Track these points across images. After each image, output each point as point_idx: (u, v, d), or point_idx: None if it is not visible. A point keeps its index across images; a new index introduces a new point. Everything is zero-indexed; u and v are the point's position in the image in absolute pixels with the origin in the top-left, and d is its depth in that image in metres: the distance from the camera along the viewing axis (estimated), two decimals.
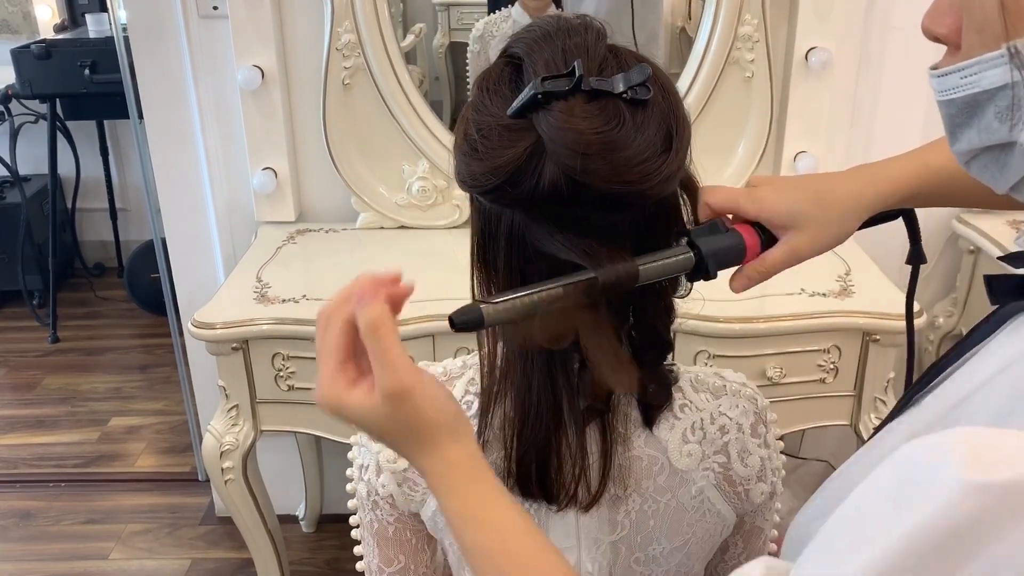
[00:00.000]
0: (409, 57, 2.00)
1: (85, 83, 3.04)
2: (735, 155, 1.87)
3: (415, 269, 1.76)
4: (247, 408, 1.61)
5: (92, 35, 3.23)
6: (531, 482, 0.79)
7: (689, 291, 0.79)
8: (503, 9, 2.01)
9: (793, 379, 1.57)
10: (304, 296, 1.61)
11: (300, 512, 2.30)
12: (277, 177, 1.87)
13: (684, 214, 0.77)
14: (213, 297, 1.64)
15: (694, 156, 0.73)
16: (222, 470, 1.64)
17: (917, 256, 0.84)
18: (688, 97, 1.79)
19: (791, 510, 2.33)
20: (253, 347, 1.56)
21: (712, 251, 0.74)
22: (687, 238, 0.74)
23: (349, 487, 0.90)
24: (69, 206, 3.67)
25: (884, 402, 1.59)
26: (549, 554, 0.63)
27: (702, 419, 0.82)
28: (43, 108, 3.27)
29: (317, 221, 1.95)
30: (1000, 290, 0.60)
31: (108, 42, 2.91)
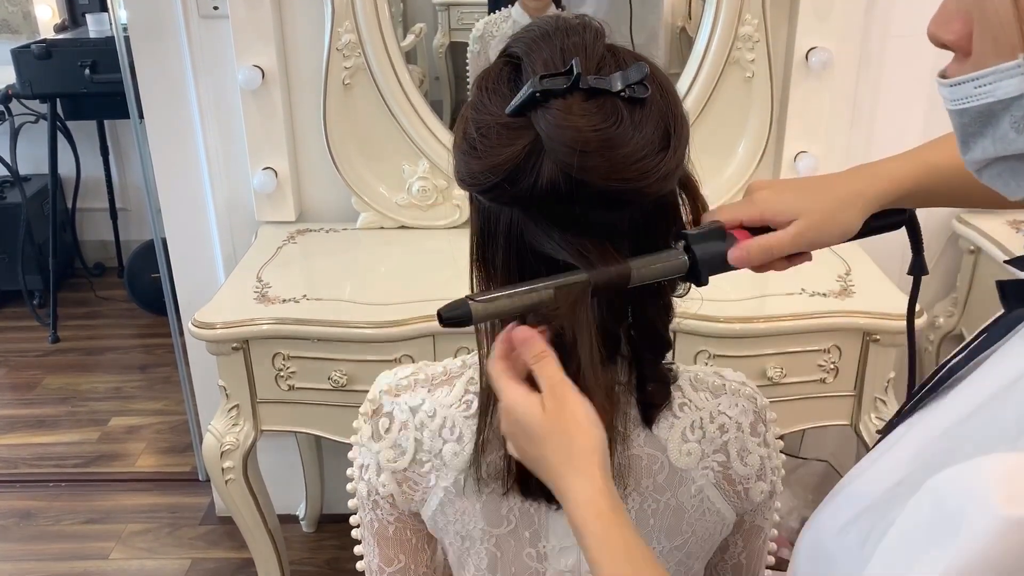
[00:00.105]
0: (409, 57, 2.00)
1: (85, 83, 3.05)
2: (735, 155, 1.87)
3: (415, 269, 1.76)
4: (247, 408, 1.61)
5: (92, 35, 3.23)
6: (531, 481, 0.79)
7: (688, 290, 0.79)
8: (503, 9, 2.01)
9: (793, 379, 1.57)
10: (304, 296, 1.61)
11: (300, 512, 2.30)
12: (277, 177, 1.87)
13: (683, 213, 0.77)
14: (213, 297, 1.64)
15: (694, 156, 0.73)
16: (222, 470, 1.64)
17: (919, 267, 0.83)
18: (688, 97, 1.79)
19: (791, 509, 2.33)
20: (253, 347, 1.56)
21: (707, 256, 0.74)
22: (684, 241, 0.74)
23: (349, 487, 0.90)
24: (69, 206, 3.68)
25: (884, 402, 1.59)
26: None
27: (701, 418, 0.82)
28: (43, 108, 3.27)
29: (317, 221, 1.95)
30: (1014, 295, 0.59)
31: (108, 42, 2.91)
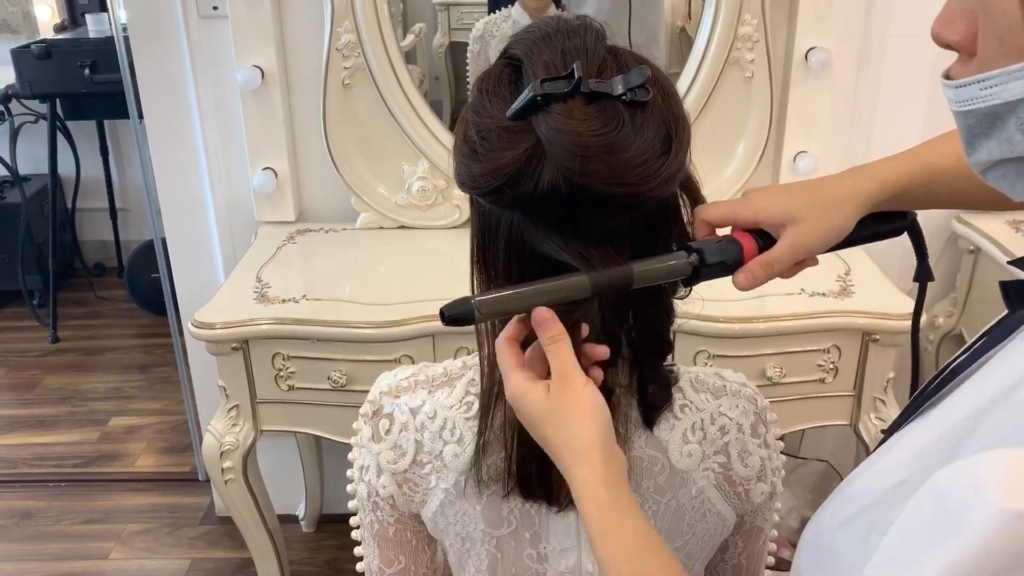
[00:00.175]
0: (409, 57, 1.99)
1: (85, 83, 3.05)
2: (735, 155, 1.87)
3: (415, 269, 1.76)
4: (247, 408, 1.61)
5: (92, 35, 3.23)
6: (531, 482, 0.79)
7: (689, 292, 0.79)
8: (503, 9, 2.01)
9: (793, 379, 1.57)
10: (304, 296, 1.61)
11: (300, 512, 2.30)
12: (277, 177, 1.87)
13: (684, 215, 0.77)
14: (213, 297, 1.64)
15: (693, 157, 0.73)
16: (222, 470, 1.64)
17: (925, 273, 0.83)
18: (688, 97, 1.79)
19: (791, 509, 2.33)
20: (253, 347, 1.56)
21: (709, 256, 0.74)
22: (686, 244, 0.74)
23: (349, 488, 0.90)
24: (69, 206, 3.67)
25: (884, 402, 1.59)
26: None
27: (702, 419, 0.82)
28: (43, 108, 3.27)
29: (317, 221, 1.96)
30: (1016, 295, 0.59)
31: (108, 42, 2.91)
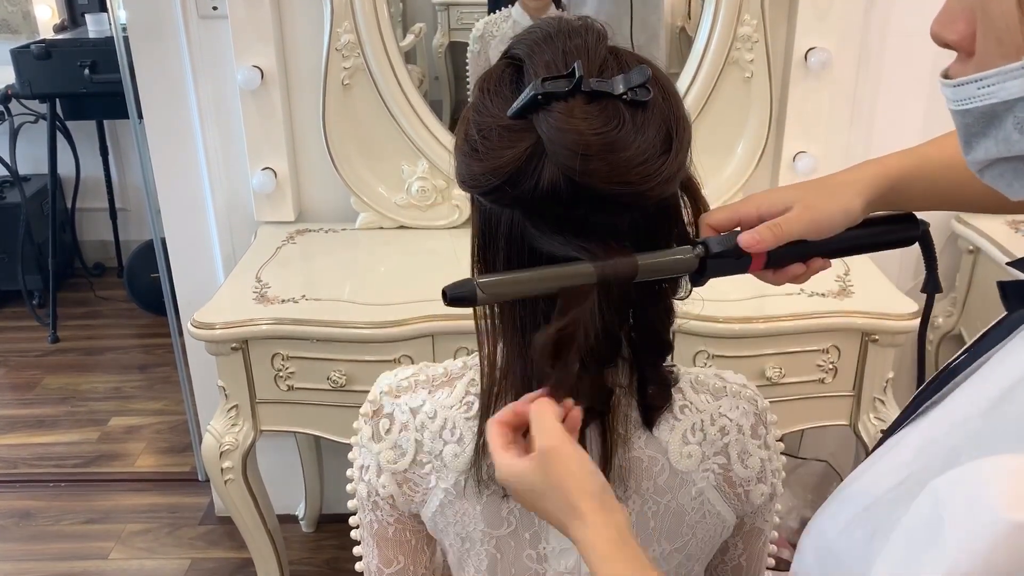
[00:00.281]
0: (409, 57, 1.99)
1: (85, 83, 3.04)
2: (734, 155, 1.87)
3: (414, 269, 1.76)
4: (247, 408, 1.61)
5: (92, 35, 3.23)
6: None
7: (689, 292, 0.79)
8: (503, 9, 2.01)
9: (792, 379, 1.57)
10: (303, 296, 1.61)
11: (300, 512, 2.30)
12: (277, 177, 1.87)
13: (685, 215, 0.77)
14: (213, 297, 1.64)
15: (693, 156, 0.73)
16: (222, 470, 1.64)
17: (933, 284, 0.82)
18: (687, 97, 1.79)
19: (790, 509, 2.33)
20: (253, 347, 1.56)
21: (714, 246, 0.74)
22: (704, 247, 0.74)
23: (349, 487, 0.90)
24: (69, 206, 3.67)
25: (883, 402, 1.59)
26: None
27: (702, 420, 0.82)
28: (43, 108, 3.27)
29: (317, 221, 1.95)
30: (1015, 296, 0.59)
31: (108, 42, 2.91)
